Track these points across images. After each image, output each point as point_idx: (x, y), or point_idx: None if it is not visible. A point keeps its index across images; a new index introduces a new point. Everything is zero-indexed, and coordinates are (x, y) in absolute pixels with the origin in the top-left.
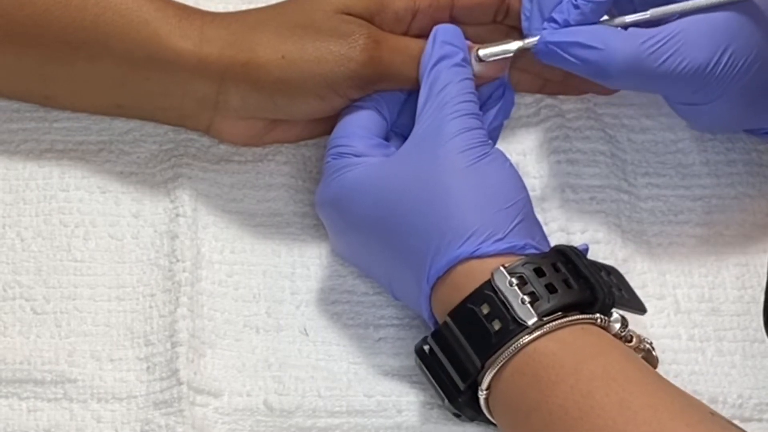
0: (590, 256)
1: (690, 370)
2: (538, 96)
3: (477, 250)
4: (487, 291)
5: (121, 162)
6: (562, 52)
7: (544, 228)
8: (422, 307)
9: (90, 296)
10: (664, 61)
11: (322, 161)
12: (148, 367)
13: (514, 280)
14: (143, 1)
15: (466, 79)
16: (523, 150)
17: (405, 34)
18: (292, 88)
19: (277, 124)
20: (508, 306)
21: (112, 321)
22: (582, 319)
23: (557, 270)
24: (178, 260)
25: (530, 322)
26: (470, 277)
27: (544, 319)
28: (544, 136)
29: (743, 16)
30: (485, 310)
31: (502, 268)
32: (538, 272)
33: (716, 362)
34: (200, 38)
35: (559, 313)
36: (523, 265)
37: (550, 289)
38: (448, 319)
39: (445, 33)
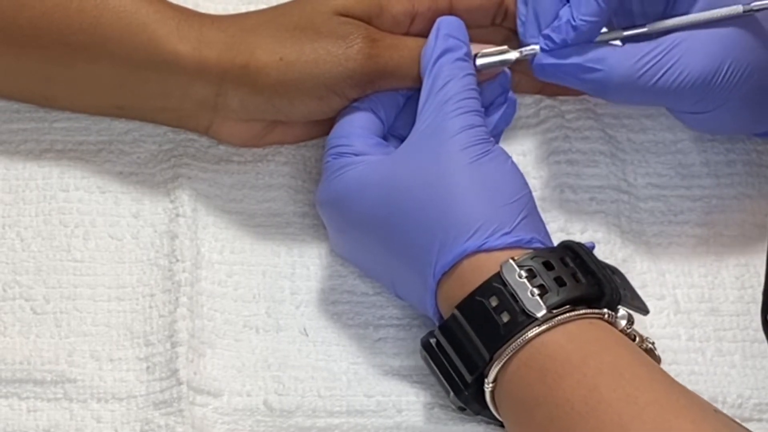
0: None
1: (690, 370)
2: (538, 96)
3: (484, 243)
4: (496, 283)
5: (120, 162)
6: (561, 74)
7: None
8: (427, 303)
9: (90, 296)
10: (662, 76)
11: (321, 161)
12: (147, 367)
13: (524, 273)
14: (142, 4)
15: (469, 74)
16: (523, 150)
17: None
18: (290, 90)
19: (277, 126)
20: (518, 298)
21: (111, 321)
22: (590, 313)
23: (565, 264)
24: (177, 260)
25: (539, 315)
26: (478, 270)
27: (553, 312)
28: (543, 137)
29: (741, 27)
30: (494, 302)
31: (511, 261)
32: (547, 266)
33: (716, 362)
34: (199, 41)
35: (568, 306)
36: (532, 258)
37: (559, 282)
38: (456, 312)
39: (448, 25)
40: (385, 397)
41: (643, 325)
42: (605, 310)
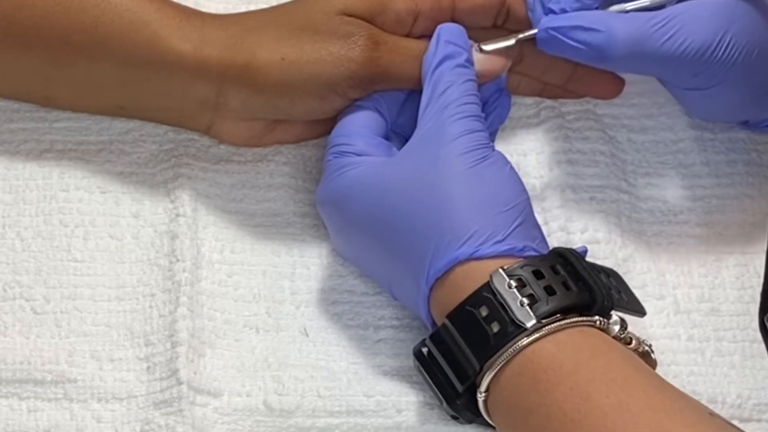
0: (590, 255)
1: (689, 370)
2: (539, 98)
3: (476, 251)
4: (486, 293)
5: (121, 162)
6: (563, 38)
7: (544, 228)
8: (420, 307)
9: (90, 296)
10: (664, 43)
11: (322, 161)
12: (148, 367)
13: (513, 282)
14: (143, 3)
15: (469, 80)
16: (524, 150)
17: (406, 36)
18: (291, 90)
19: (277, 125)
20: (507, 308)
21: (112, 321)
22: (581, 321)
23: (556, 272)
24: (178, 260)
25: (529, 325)
26: (469, 278)
27: (543, 321)
28: (544, 137)
29: (743, 2)
30: (484, 312)
31: (501, 270)
32: (537, 274)
33: (715, 362)
34: (200, 40)
35: (558, 315)
36: (522, 267)
37: (549, 291)
38: (447, 321)
39: (449, 32)
40: (384, 397)
41: (642, 325)
42: (596, 317)
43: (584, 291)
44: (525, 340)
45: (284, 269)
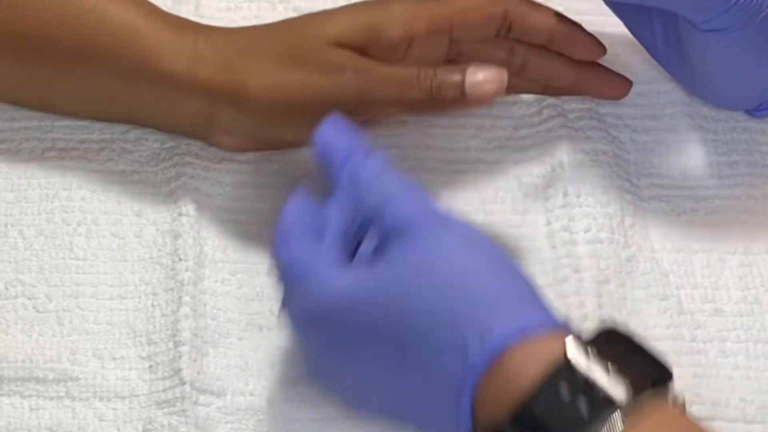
0: (594, 255)
1: (692, 372)
2: (540, 96)
3: (523, 332)
4: (564, 369)
5: (123, 161)
6: None
7: (547, 228)
8: (458, 419)
9: (92, 295)
10: None
11: None
12: (150, 366)
13: (591, 355)
14: (137, 18)
15: (384, 171)
16: (525, 150)
17: (402, 62)
18: (280, 117)
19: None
20: (592, 383)
21: (114, 320)
22: (657, 395)
23: (618, 344)
24: (180, 259)
25: (622, 398)
26: (526, 363)
27: (631, 395)
28: (546, 136)
29: None
30: (565, 391)
31: (570, 341)
32: (601, 349)
33: (719, 364)
34: (192, 59)
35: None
36: (588, 342)
37: (621, 364)
38: (530, 405)
39: (324, 134)
40: None
41: (646, 326)
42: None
43: (648, 362)
44: (620, 416)
45: None
